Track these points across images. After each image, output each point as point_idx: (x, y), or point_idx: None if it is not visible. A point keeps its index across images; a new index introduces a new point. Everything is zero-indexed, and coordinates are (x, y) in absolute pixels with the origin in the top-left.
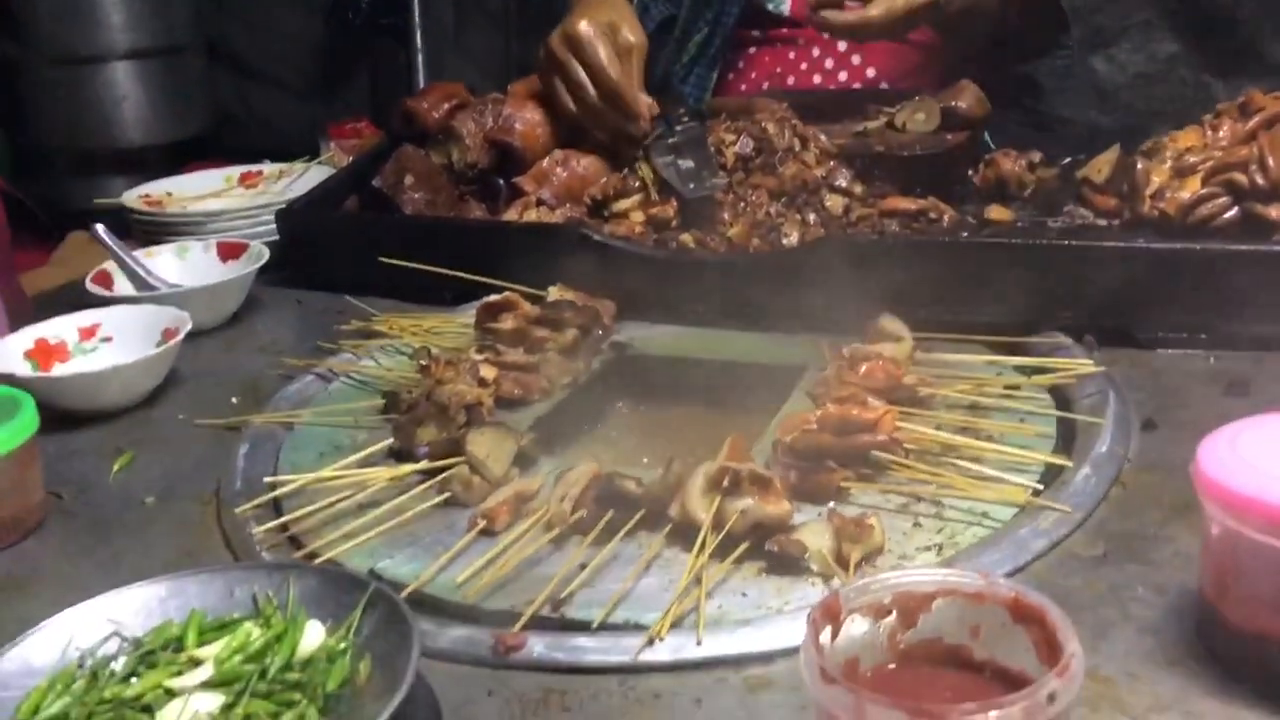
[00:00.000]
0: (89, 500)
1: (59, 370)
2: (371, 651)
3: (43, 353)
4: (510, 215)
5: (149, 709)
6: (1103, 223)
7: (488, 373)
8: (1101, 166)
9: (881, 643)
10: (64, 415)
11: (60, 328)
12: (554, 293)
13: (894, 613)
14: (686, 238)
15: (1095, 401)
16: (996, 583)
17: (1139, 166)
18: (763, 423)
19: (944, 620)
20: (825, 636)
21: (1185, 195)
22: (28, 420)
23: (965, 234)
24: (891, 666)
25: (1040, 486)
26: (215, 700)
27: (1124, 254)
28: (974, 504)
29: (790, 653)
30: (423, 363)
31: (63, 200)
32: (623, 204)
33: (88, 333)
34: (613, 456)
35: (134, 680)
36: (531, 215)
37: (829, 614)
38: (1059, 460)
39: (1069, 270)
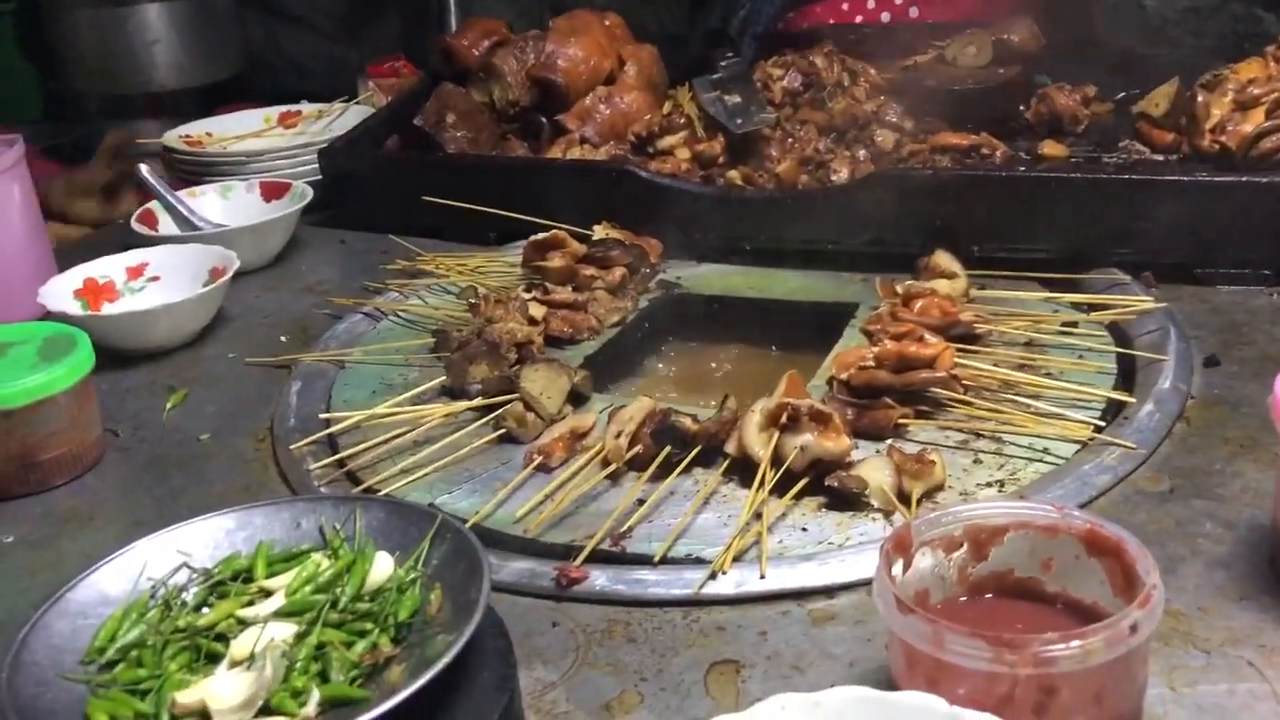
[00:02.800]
0: (144, 437)
1: (109, 309)
2: (441, 582)
3: (91, 292)
4: (553, 153)
5: (222, 637)
6: (1160, 158)
7: (536, 311)
8: (1159, 100)
9: (951, 576)
10: (114, 354)
11: (108, 267)
12: (599, 231)
13: (965, 545)
14: (734, 174)
15: (1156, 338)
16: (1071, 515)
17: (1200, 99)
18: (814, 362)
19: (1015, 553)
20: (897, 569)
21: (1248, 128)
22: (84, 357)
23: (1021, 169)
24: (962, 599)
25: (1102, 423)
26: (288, 629)
27: (1185, 188)
28: (1034, 440)
29: (853, 587)
30: (471, 301)
31: (96, 144)
32: (668, 141)
33: (135, 272)
34: (664, 395)
35: (205, 610)
36: (575, 153)
37: (900, 546)
38: (1121, 396)
39: (1127, 205)
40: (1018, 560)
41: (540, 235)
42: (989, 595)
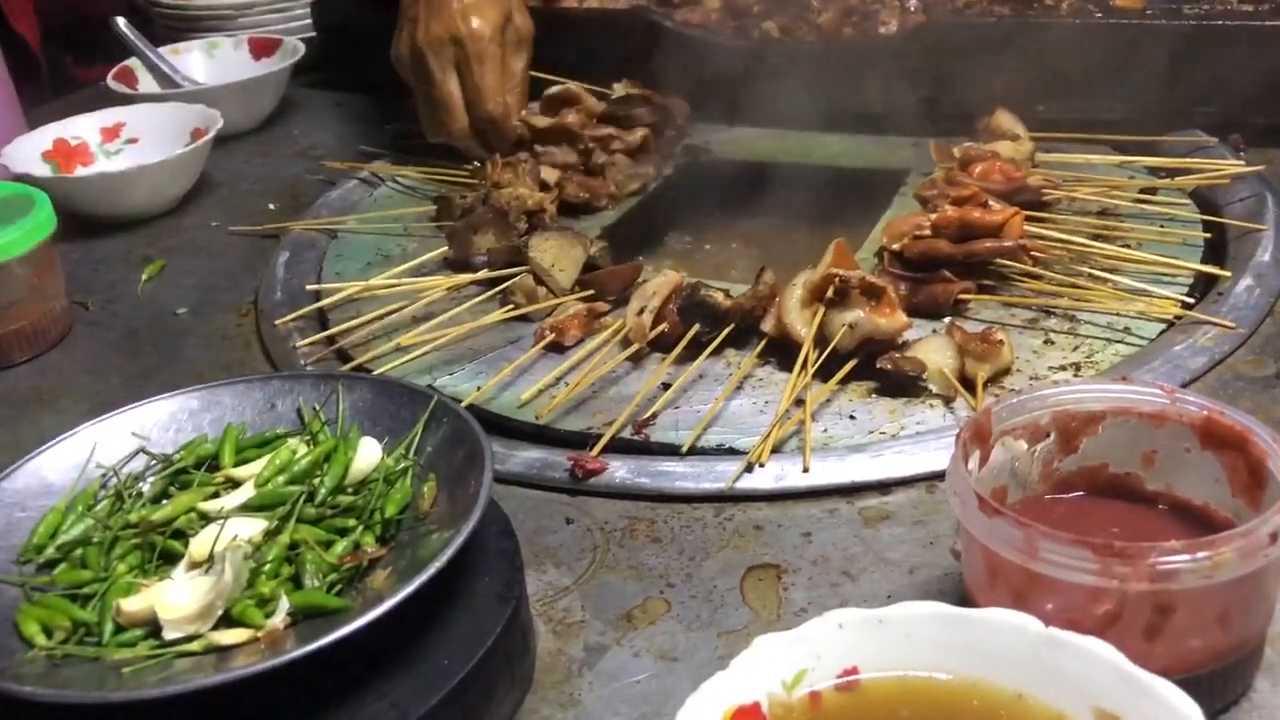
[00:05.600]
0: (116, 311)
1: (81, 172)
2: (436, 472)
3: (63, 154)
4: (569, 3)
5: (181, 534)
6: (1249, 8)
7: (549, 175)
8: None
9: (1033, 470)
10: (88, 221)
11: (81, 127)
12: (620, 89)
13: (1052, 435)
14: (770, 25)
15: (1250, 206)
16: (1184, 400)
17: None
18: (858, 236)
19: (1112, 444)
20: (973, 462)
21: None
22: (42, 220)
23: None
24: (1046, 497)
25: (1191, 300)
26: (256, 526)
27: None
28: (1114, 319)
29: (910, 482)
30: (477, 164)
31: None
32: None
33: (111, 133)
34: (692, 269)
35: (163, 502)
36: (593, 2)
37: (979, 435)
38: (1213, 270)
39: (1212, 58)
40: (1114, 452)
41: (552, 90)
42: (1077, 493)
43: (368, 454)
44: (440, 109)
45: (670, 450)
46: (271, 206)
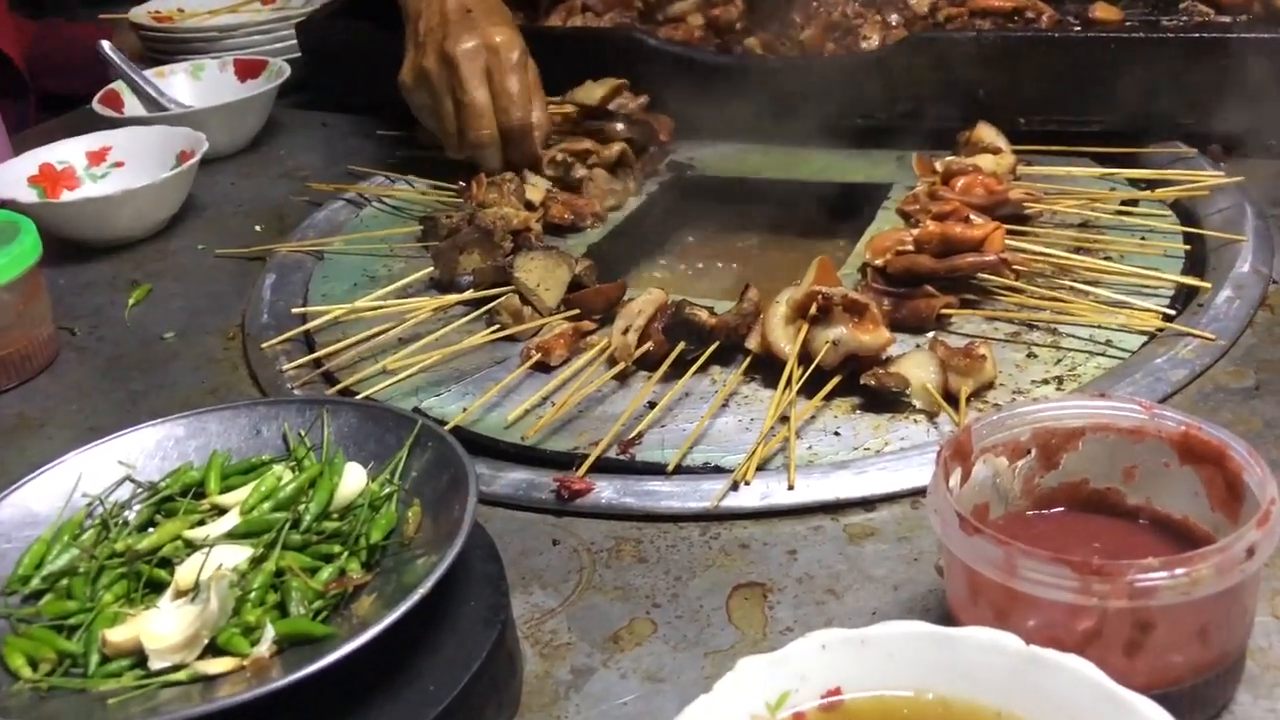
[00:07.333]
0: (103, 336)
1: (67, 197)
2: (421, 497)
3: (49, 178)
4: (553, 22)
5: (167, 562)
6: (1227, 19)
7: (534, 195)
8: None
9: (1015, 486)
10: (74, 246)
11: (67, 152)
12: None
13: (1033, 451)
14: (753, 42)
15: (1229, 216)
16: (1162, 415)
17: None
18: (843, 250)
19: (1092, 460)
20: (954, 480)
21: None
22: (29, 247)
23: (1074, 29)
24: (1029, 513)
25: (1172, 311)
26: (242, 553)
27: (1258, 47)
28: (1095, 331)
29: (895, 498)
30: (462, 184)
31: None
32: (680, 6)
33: (97, 157)
34: (677, 287)
35: (149, 530)
36: (577, 21)
37: (960, 453)
38: (1193, 281)
39: (1191, 69)
40: (1094, 468)
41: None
42: (1059, 508)
43: (353, 480)
44: (470, 114)
45: (656, 469)
46: (258, 229)
